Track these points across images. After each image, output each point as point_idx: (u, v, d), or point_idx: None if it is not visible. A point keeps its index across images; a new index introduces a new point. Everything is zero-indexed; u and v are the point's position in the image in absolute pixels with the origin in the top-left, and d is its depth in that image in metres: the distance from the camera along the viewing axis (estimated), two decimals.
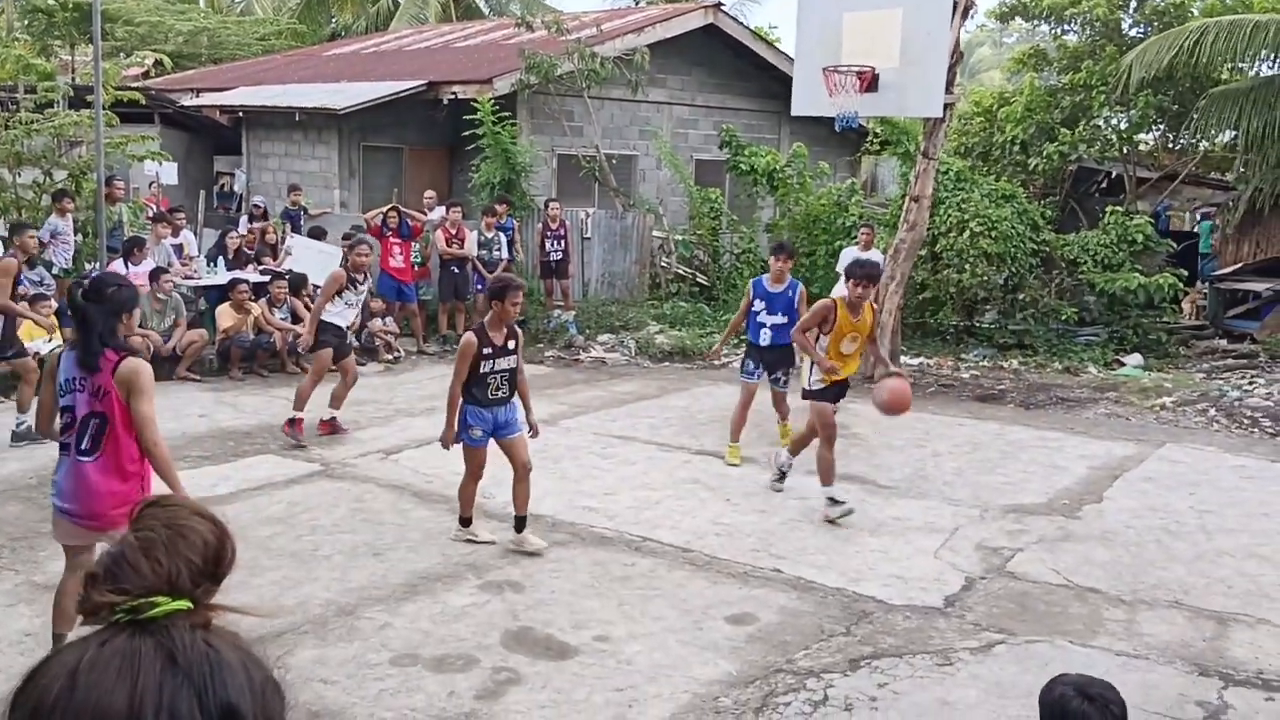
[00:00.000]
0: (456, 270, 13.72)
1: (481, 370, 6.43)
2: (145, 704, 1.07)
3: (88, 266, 12.09)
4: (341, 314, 9.20)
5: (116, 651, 1.10)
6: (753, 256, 16.10)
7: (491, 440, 6.63)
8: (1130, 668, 5.27)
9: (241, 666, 1.13)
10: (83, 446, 4.54)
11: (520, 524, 6.70)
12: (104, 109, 11.89)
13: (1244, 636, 5.72)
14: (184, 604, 1.14)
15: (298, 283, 12.46)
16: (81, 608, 1.18)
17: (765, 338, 8.82)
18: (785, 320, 8.64)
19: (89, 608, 1.17)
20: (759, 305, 8.84)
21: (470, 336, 6.48)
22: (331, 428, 9.32)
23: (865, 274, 7.41)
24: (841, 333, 7.37)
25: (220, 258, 13.01)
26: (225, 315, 11.62)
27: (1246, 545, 7.12)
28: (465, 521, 6.83)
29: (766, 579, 6.33)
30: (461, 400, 6.52)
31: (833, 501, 7.41)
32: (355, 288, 9.15)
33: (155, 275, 11.37)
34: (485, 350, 6.43)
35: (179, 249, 12.88)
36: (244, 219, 14.61)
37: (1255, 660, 5.42)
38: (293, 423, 9.00)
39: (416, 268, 13.86)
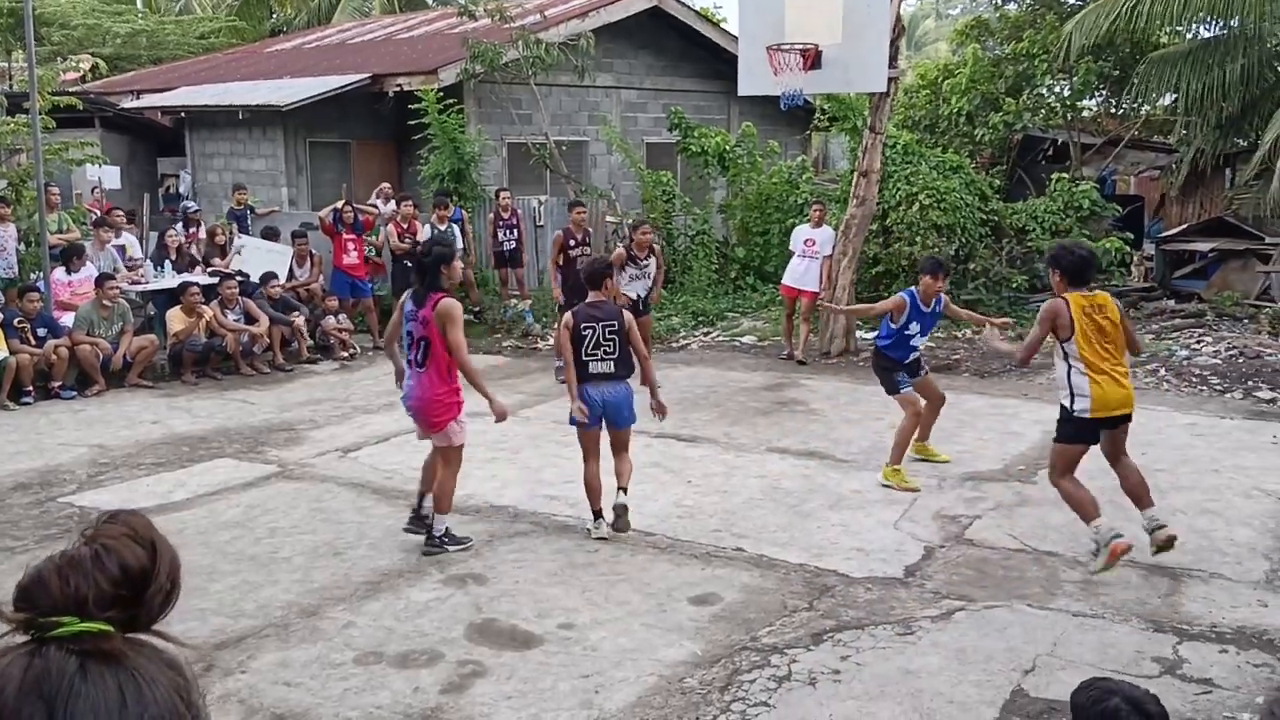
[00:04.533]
0: (409, 264, 13.61)
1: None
2: None
3: (32, 276, 11.90)
4: (630, 286, 10.39)
5: (7, 666, 1.09)
6: (706, 238, 16.11)
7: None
8: (1088, 627, 5.37)
9: (119, 705, 1.09)
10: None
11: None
12: (41, 114, 11.69)
13: (1198, 591, 5.83)
14: (94, 626, 1.11)
15: (252, 285, 12.37)
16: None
17: (911, 357, 8.05)
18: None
19: (6, 622, 1.15)
20: (913, 327, 7.82)
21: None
22: None
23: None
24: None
25: (166, 261, 12.83)
26: (176, 319, 11.46)
27: (1198, 502, 7.25)
28: (598, 514, 6.76)
29: (729, 559, 6.37)
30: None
31: None
32: (637, 264, 10.41)
33: (101, 281, 11.20)
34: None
35: (121, 250, 12.68)
36: (179, 225, 14.41)
37: (1209, 614, 5.53)
38: None
39: (369, 262, 13.75)
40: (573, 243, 11.51)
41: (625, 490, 6.77)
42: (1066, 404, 6.11)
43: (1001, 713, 4.56)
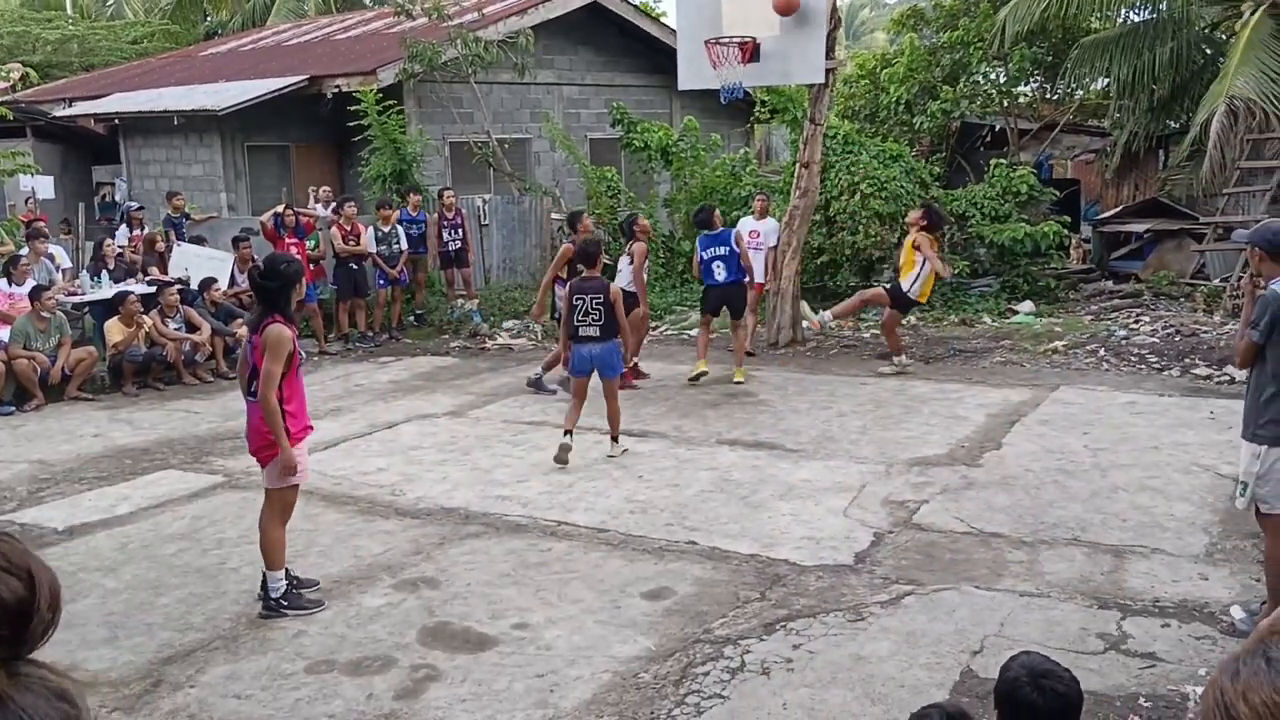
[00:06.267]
0: (355, 267, 13.51)
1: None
2: None
3: None
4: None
5: None
6: (653, 232, 16.12)
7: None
8: (1034, 606, 5.45)
9: None
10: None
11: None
12: None
13: (1140, 567, 5.94)
14: None
15: (193, 292, 12.21)
16: None
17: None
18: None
19: None
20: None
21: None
22: (635, 374, 10.71)
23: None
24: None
25: (103, 271, 12.59)
26: (114, 329, 11.26)
27: (1139, 479, 7.38)
28: (568, 432, 8.17)
29: (681, 552, 6.39)
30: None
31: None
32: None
33: (36, 294, 10.97)
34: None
35: (50, 258, 12.43)
36: (123, 227, 14.16)
37: (1151, 589, 5.64)
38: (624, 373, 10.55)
39: (312, 266, 13.60)
40: None
41: (616, 439, 8.38)
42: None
43: (951, 694, 4.62)
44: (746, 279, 10.86)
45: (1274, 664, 1.27)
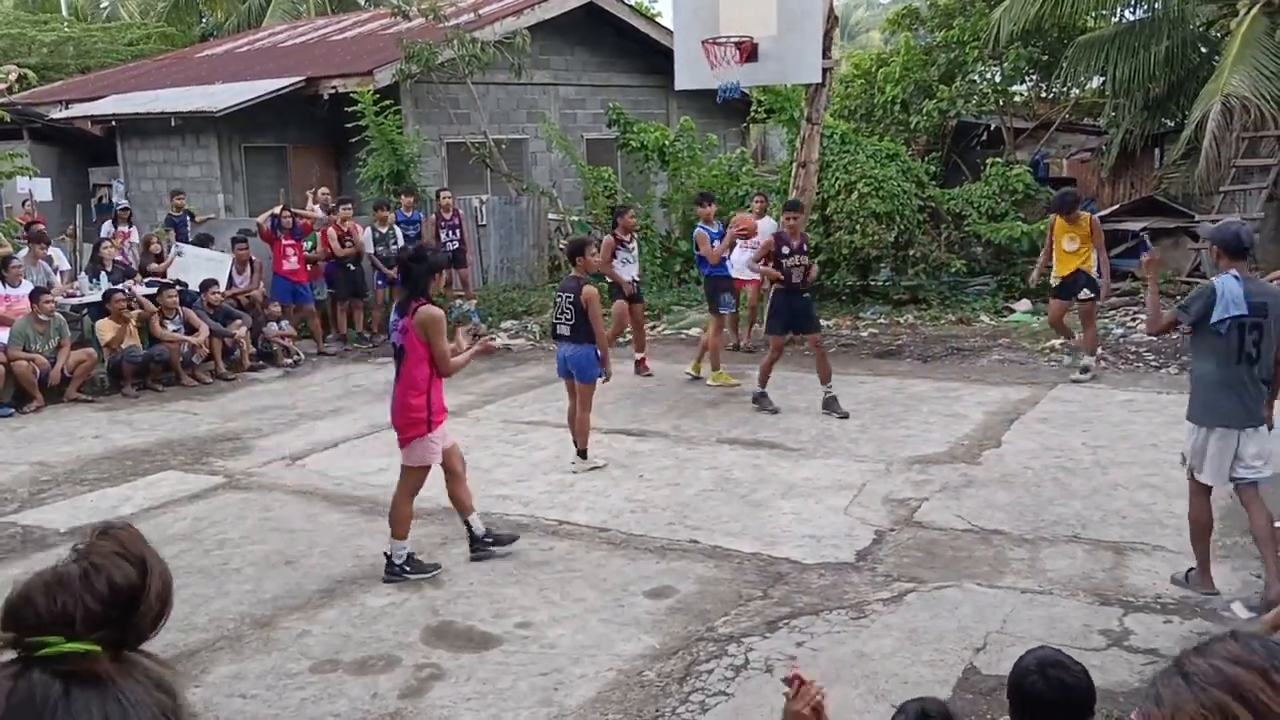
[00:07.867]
0: (352, 267, 13.51)
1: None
2: None
3: None
4: (625, 270, 10.85)
5: None
6: (649, 233, 16.14)
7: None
8: (1036, 603, 5.47)
9: None
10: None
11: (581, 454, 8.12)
12: None
13: (1141, 564, 5.97)
14: (80, 646, 1.08)
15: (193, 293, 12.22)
16: None
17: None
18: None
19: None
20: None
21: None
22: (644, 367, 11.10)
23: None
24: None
25: (102, 273, 12.59)
26: (106, 328, 11.25)
27: (1138, 476, 7.41)
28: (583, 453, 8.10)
29: (684, 551, 6.41)
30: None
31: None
32: (625, 247, 10.83)
33: (35, 296, 10.96)
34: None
35: (48, 259, 12.43)
36: (107, 224, 14.13)
37: (1153, 586, 5.67)
38: (639, 363, 11.13)
39: (310, 267, 13.60)
40: (786, 250, 9.40)
41: (583, 455, 8.03)
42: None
43: (954, 691, 4.64)
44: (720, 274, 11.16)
45: (1192, 679, 1.28)
